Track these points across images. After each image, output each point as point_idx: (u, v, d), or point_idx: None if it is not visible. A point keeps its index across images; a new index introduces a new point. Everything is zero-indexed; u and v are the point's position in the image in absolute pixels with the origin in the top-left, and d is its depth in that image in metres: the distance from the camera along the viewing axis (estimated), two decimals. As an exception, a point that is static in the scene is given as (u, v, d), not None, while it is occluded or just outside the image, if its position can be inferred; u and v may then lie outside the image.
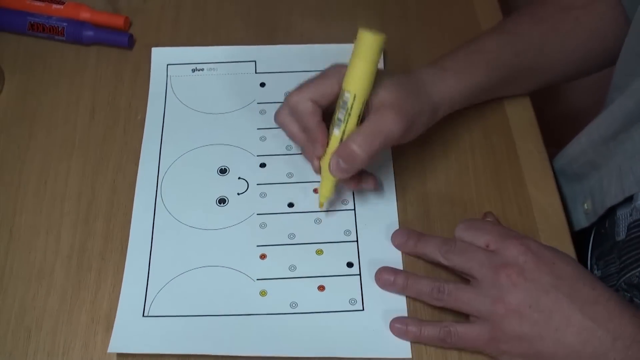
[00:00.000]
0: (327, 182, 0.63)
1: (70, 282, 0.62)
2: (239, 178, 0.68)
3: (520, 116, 0.72)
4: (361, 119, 0.60)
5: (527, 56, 0.68)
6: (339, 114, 0.60)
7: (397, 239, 0.63)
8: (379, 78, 0.59)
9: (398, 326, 0.59)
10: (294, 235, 0.64)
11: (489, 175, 0.68)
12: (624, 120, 0.64)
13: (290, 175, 0.68)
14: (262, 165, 0.69)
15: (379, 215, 0.65)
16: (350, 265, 0.63)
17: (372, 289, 0.61)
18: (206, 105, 0.73)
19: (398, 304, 0.60)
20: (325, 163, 0.62)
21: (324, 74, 0.62)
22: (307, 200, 0.66)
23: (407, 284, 0.60)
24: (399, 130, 0.59)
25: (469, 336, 0.57)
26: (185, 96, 0.74)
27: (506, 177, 0.68)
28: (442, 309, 0.59)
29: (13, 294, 0.61)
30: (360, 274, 0.62)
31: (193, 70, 0.76)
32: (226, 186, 0.67)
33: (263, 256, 0.63)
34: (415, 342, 0.58)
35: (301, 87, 0.62)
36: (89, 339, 0.59)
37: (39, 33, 0.77)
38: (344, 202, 0.66)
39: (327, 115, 0.62)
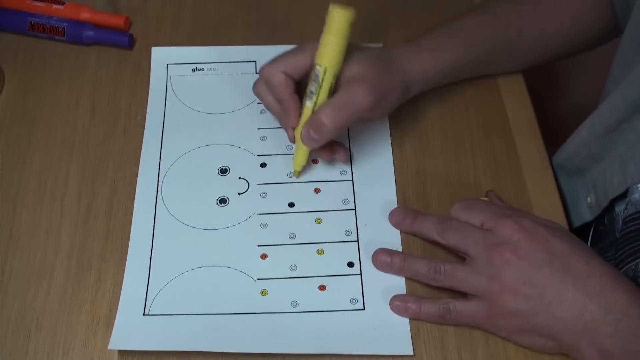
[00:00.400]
0: (301, 151, 0.66)
1: (70, 282, 0.62)
2: (240, 178, 0.68)
3: (520, 116, 0.72)
4: (333, 92, 0.63)
5: (505, 36, 0.69)
6: (311, 87, 0.63)
7: (395, 217, 0.64)
8: (351, 52, 0.62)
9: (397, 303, 0.60)
10: (295, 235, 0.64)
11: (489, 175, 0.68)
12: (626, 109, 0.64)
13: (290, 175, 0.68)
14: (263, 165, 0.69)
15: (380, 215, 0.65)
16: (351, 265, 0.63)
17: (373, 288, 0.61)
18: (206, 105, 0.73)
19: None
20: (298, 133, 0.64)
21: (298, 48, 0.65)
22: (308, 200, 0.66)
23: (404, 264, 0.61)
24: (368, 103, 0.62)
25: (467, 313, 0.58)
26: (185, 96, 0.74)
27: (506, 177, 0.68)
28: (440, 290, 0.60)
29: (13, 294, 0.61)
30: (361, 274, 0.62)
31: (193, 70, 0.76)
32: (227, 186, 0.67)
33: (264, 256, 0.63)
34: (414, 318, 0.59)
35: (275, 60, 0.64)
36: (89, 338, 0.59)
37: (39, 33, 0.77)
38: (345, 202, 0.66)
39: (302, 88, 0.65)
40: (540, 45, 0.72)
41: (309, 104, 0.63)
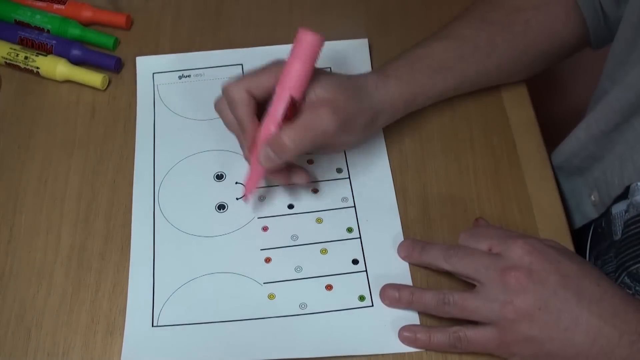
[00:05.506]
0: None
1: (70, 282, 0.62)
2: (237, 183, 0.68)
3: (520, 116, 0.72)
4: (296, 115, 0.60)
5: (474, 59, 0.68)
6: (271, 109, 0.60)
7: (403, 251, 0.63)
8: (318, 76, 0.60)
9: (407, 334, 0.58)
10: (297, 237, 0.64)
11: (489, 175, 0.68)
12: (623, 112, 0.63)
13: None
14: None
15: (380, 209, 0.65)
16: (355, 262, 0.63)
17: (380, 284, 0.61)
18: (196, 112, 0.72)
19: None
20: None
21: (263, 68, 0.62)
22: (307, 200, 0.66)
23: (412, 299, 0.59)
24: (333, 127, 0.60)
25: (479, 341, 0.56)
26: (173, 104, 0.73)
27: (506, 176, 0.68)
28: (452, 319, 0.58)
29: (13, 294, 0.61)
30: (366, 270, 0.62)
31: (180, 77, 0.75)
32: (224, 192, 0.67)
33: (268, 260, 0.63)
34: (425, 349, 0.58)
35: (239, 78, 0.62)
36: (89, 339, 0.59)
37: (29, 48, 0.74)
38: (344, 199, 0.66)
39: (263, 109, 0.62)
40: (510, 66, 0.70)
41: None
